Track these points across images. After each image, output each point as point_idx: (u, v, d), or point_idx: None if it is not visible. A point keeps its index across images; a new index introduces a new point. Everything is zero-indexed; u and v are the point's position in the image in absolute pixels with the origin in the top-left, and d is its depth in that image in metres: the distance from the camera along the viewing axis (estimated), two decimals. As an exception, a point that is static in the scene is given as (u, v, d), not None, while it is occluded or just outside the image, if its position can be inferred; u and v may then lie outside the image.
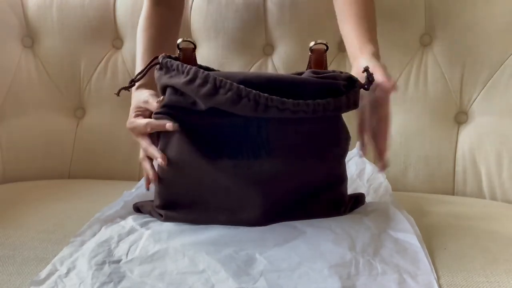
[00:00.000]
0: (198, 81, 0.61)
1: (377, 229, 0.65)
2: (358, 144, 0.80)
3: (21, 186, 1.01)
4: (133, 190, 0.79)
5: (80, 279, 0.55)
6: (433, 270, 0.57)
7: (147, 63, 0.69)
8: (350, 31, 0.84)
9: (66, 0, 1.10)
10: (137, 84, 0.76)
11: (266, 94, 0.60)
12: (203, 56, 1.07)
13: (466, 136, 1.00)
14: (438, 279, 0.57)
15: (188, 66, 0.63)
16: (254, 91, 0.60)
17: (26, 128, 1.09)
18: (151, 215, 0.70)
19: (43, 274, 0.57)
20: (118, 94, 0.70)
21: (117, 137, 1.10)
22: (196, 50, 0.70)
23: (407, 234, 0.64)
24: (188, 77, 0.62)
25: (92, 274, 0.56)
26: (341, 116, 0.68)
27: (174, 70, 0.64)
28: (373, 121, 0.74)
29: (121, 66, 1.11)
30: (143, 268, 0.57)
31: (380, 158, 0.74)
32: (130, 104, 0.78)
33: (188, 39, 0.70)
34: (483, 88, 0.98)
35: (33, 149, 1.09)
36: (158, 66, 0.67)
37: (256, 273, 0.55)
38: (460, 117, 1.01)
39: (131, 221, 0.68)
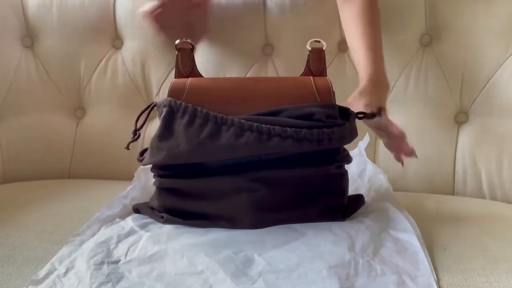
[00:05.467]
0: (198, 121, 0.61)
1: (377, 228, 0.65)
2: (360, 143, 0.80)
3: (21, 186, 1.00)
4: (126, 192, 0.78)
5: (79, 278, 0.55)
6: (433, 272, 0.57)
7: None
8: (356, 49, 0.86)
9: (66, 0, 1.10)
10: None
11: (268, 125, 0.60)
12: (203, 56, 1.07)
13: (466, 136, 1.00)
14: (438, 281, 0.57)
15: (185, 105, 0.62)
16: (255, 123, 0.61)
17: (26, 128, 1.09)
18: (151, 216, 0.70)
19: (41, 273, 0.57)
20: (127, 147, 0.70)
21: (117, 137, 1.10)
22: (196, 50, 0.70)
23: (407, 234, 0.64)
24: (186, 117, 0.62)
25: (91, 274, 0.56)
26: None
27: (167, 107, 0.63)
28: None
29: (121, 66, 1.11)
30: (142, 269, 0.57)
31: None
32: (130, 105, 0.78)
33: (187, 40, 0.70)
34: (483, 88, 0.98)
35: (33, 149, 1.09)
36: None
37: (254, 274, 0.55)
38: (460, 117, 1.01)
39: (130, 222, 0.68)
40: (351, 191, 0.79)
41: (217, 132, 0.61)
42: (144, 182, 0.80)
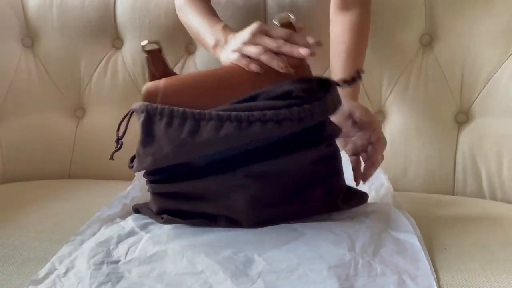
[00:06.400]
0: (176, 121, 0.60)
1: (378, 229, 0.65)
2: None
3: (21, 186, 1.01)
4: (127, 191, 0.78)
5: (79, 278, 0.55)
6: (433, 272, 0.57)
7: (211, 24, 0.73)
8: (338, 67, 0.86)
9: (66, 0, 1.10)
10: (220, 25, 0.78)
11: (246, 112, 0.59)
12: (203, 57, 1.07)
13: (466, 136, 1.00)
14: (438, 280, 0.57)
15: (161, 107, 0.61)
16: (233, 112, 0.59)
17: (26, 128, 1.09)
18: (151, 217, 0.70)
19: (41, 273, 0.57)
20: (111, 158, 0.69)
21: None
22: (163, 50, 0.68)
23: (408, 235, 0.64)
24: (165, 119, 0.61)
25: (91, 274, 0.56)
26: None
27: (144, 112, 0.62)
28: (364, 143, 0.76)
29: (121, 66, 1.11)
30: (142, 269, 0.57)
31: (362, 177, 0.76)
32: (130, 105, 0.77)
33: (153, 40, 0.68)
34: (483, 88, 0.98)
35: (33, 149, 1.09)
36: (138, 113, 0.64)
37: (254, 274, 0.55)
38: (460, 117, 1.01)
39: (131, 222, 0.68)
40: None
41: (196, 128, 0.59)
42: (144, 182, 0.80)
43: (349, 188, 0.71)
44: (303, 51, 0.63)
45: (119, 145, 0.68)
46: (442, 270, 0.59)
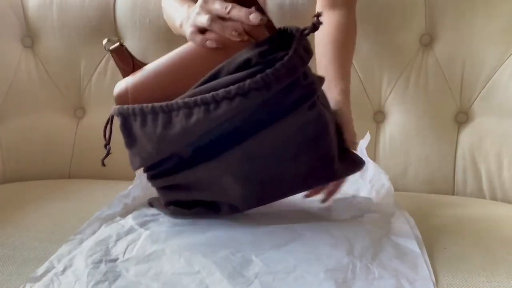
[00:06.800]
0: (149, 117, 0.59)
1: (378, 233, 0.65)
2: (361, 142, 0.78)
3: (21, 186, 1.00)
4: (127, 191, 0.78)
5: (76, 277, 0.56)
6: (432, 276, 0.57)
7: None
8: (325, 62, 0.81)
9: (66, 0, 1.10)
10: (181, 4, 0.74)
11: (211, 93, 0.56)
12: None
13: (466, 136, 1.00)
14: (438, 281, 0.57)
15: (132, 107, 0.60)
16: (198, 96, 0.57)
17: (26, 128, 1.09)
18: (161, 210, 0.71)
19: (40, 271, 0.57)
20: (103, 164, 0.69)
21: (118, 137, 1.09)
22: (124, 42, 0.68)
23: (408, 240, 0.63)
24: (138, 118, 0.60)
25: (88, 272, 0.56)
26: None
27: (119, 116, 0.62)
28: None
29: (121, 66, 1.11)
30: (139, 268, 0.57)
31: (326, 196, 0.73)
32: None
33: (112, 38, 0.68)
34: (483, 88, 0.98)
35: (33, 149, 1.09)
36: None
37: (251, 275, 0.55)
38: (460, 117, 1.01)
39: (130, 220, 0.69)
40: (353, 191, 0.79)
41: (169, 120, 0.58)
42: (146, 181, 0.80)
43: (345, 150, 0.68)
44: (252, 17, 0.57)
45: (107, 151, 0.68)
46: (442, 270, 0.59)
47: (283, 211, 0.73)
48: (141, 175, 0.80)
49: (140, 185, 0.79)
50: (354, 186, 0.80)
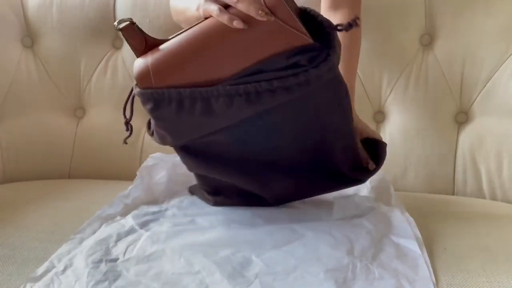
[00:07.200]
0: (187, 102, 0.60)
1: (378, 233, 0.65)
2: None
3: (21, 186, 1.01)
4: (128, 191, 0.78)
5: (76, 276, 0.56)
6: (433, 277, 0.57)
7: None
8: None
9: (66, 0, 1.10)
10: None
11: (253, 83, 0.59)
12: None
13: (466, 136, 1.00)
14: (438, 281, 0.57)
15: (168, 91, 0.60)
16: (241, 85, 0.59)
17: (26, 128, 1.09)
18: (202, 199, 0.75)
19: (40, 270, 0.57)
20: (125, 142, 0.69)
21: (117, 137, 1.09)
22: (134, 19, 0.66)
23: (408, 240, 0.63)
24: (174, 103, 0.60)
25: (88, 272, 0.56)
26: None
27: (151, 102, 0.61)
28: None
29: (121, 66, 1.11)
30: (139, 268, 0.57)
31: None
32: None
33: (123, 19, 0.65)
34: (483, 88, 0.98)
35: (33, 149, 1.09)
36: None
37: (251, 276, 0.55)
38: (460, 117, 1.01)
39: (131, 220, 0.69)
40: (353, 190, 0.79)
41: (208, 106, 0.60)
42: (147, 182, 0.80)
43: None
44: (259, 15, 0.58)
45: (130, 129, 0.68)
46: (442, 270, 0.59)
47: (283, 211, 0.73)
48: (142, 176, 0.80)
49: (141, 185, 0.79)
50: (355, 186, 0.80)
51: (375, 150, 0.73)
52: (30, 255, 0.64)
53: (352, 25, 0.61)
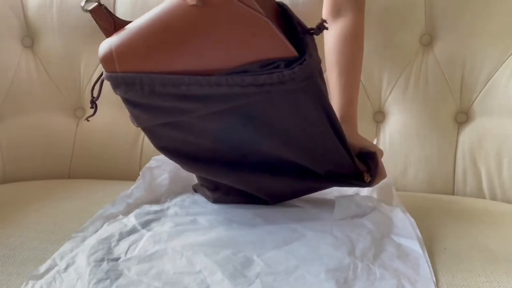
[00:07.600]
0: (158, 87, 0.60)
1: (379, 233, 0.65)
2: None
3: (21, 186, 1.00)
4: (130, 191, 0.78)
5: (78, 274, 0.56)
6: (433, 277, 0.57)
7: None
8: (332, 81, 0.83)
9: (66, 0, 1.10)
10: None
11: (227, 75, 0.58)
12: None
13: (466, 136, 1.00)
14: (438, 281, 0.57)
15: (139, 75, 0.61)
16: (213, 77, 0.58)
17: (26, 128, 1.09)
18: (203, 195, 0.77)
19: (42, 268, 0.58)
20: (88, 119, 0.69)
21: (117, 137, 1.10)
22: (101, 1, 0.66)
23: (409, 240, 0.64)
24: (146, 87, 0.61)
25: (90, 270, 0.56)
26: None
27: (123, 85, 0.62)
28: None
29: (121, 66, 1.11)
30: (141, 267, 0.57)
31: None
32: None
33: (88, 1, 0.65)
34: (483, 88, 0.98)
35: (33, 149, 1.09)
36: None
37: (252, 275, 0.55)
38: (460, 117, 1.01)
39: (133, 219, 0.69)
40: (353, 190, 0.79)
41: (178, 93, 0.60)
42: (149, 183, 0.80)
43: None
44: None
45: (94, 108, 0.68)
46: (442, 270, 0.59)
47: (284, 211, 0.73)
48: (144, 175, 0.80)
49: (143, 185, 0.79)
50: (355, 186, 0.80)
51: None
52: (30, 255, 0.64)
53: (321, 28, 0.62)
